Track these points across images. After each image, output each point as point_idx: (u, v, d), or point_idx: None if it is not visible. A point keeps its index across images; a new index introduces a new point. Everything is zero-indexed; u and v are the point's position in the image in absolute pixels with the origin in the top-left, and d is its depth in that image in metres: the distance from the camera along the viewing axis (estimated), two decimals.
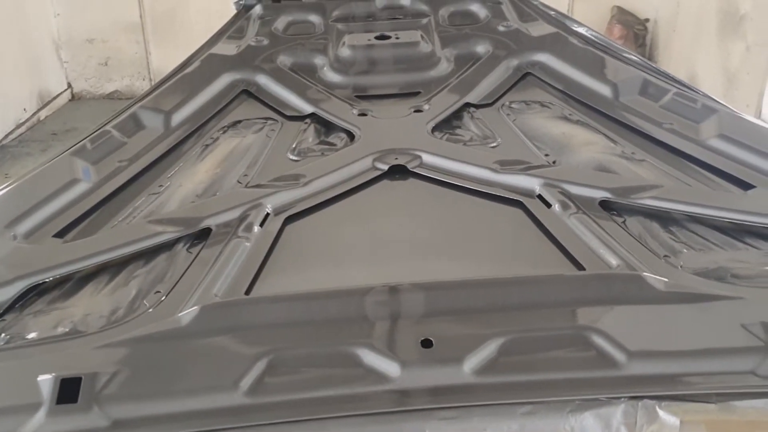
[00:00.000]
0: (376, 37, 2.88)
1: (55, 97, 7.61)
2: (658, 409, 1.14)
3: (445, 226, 1.80)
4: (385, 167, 2.02)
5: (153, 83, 2.86)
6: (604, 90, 2.46)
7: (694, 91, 2.37)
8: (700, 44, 6.09)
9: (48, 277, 1.58)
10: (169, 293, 1.49)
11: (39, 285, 1.57)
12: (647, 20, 7.00)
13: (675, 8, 6.56)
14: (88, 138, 2.22)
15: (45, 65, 7.52)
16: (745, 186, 1.87)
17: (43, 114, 7.32)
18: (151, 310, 1.44)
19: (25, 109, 7.02)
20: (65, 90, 7.86)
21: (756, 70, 5.33)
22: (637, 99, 2.39)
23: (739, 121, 2.17)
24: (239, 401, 1.17)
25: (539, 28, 2.88)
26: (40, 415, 1.13)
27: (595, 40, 2.78)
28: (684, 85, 2.41)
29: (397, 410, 1.16)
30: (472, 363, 1.22)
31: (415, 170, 2.01)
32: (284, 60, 2.81)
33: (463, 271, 1.58)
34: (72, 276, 1.62)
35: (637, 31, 6.95)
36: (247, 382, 1.20)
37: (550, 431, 1.15)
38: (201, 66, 2.75)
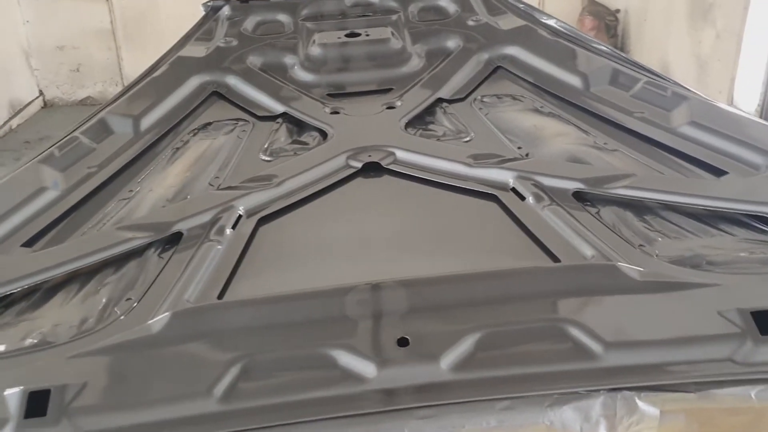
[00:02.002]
0: (347, 35, 2.86)
1: (26, 105, 7.50)
2: (637, 400, 1.13)
3: (421, 222, 1.79)
4: (359, 165, 2.00)
5: (117, 92, 2.81)
6: (575, 81, 2.46)
7: (665, 79, 2.37)
8: (671, 33, 6.14)
9: (16, 287, 1.55)
10: (140, 300, 1.46)
11: (6, 296, 1.53)
12: (618, 11, 7.03)
13: None
14: (56, 145, 2.18)
15: (15, 73, 7.41)
16: (718, 172, 1.87)
17: (14, 123, 7.21)
18: (122, 317, 1.40)
19: None
20: (37, 98, 7.75)
21: (726, 56, 5.37)
22: (607, 89, 2.39)
23: (710, 108, 2.17)
24: (213, 408, 1.15)
25: (508, 22, 2.88)
26: (8, 430, 1.10)
27: (565, 31, 2.78)
28: (654, 73, 2.41)
29: (374, 411, 1.14)
30: (449, 360, 1.20)
31: (389, 167, 2.00)
32: (254, 60, 2.78)
33: (439, 267, 1.56)
34: (40, 286, 1.58)
35: (608, 22, 6.98)
36: (220, 388, 1.17)
37: (529, 426, 1.14)
38: (169, 69, 2.71)
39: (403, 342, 1.25)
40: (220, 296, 1.48)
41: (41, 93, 7.81)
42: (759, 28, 5.07)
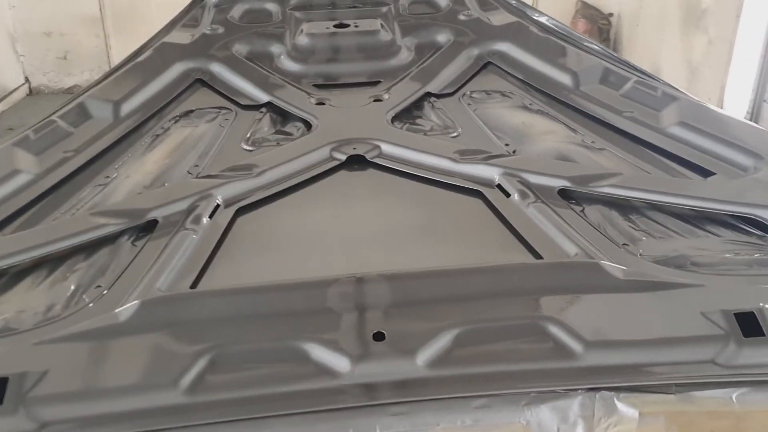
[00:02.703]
0: (335, 26, 2.82)
1: (11, 92, 7.41)
2: (616, 401, 1.10)
3: (404, 217, 1.75)
4: (343, 157, 1.96)
5: (98, 77, 2.76)
6: (565, 79, 2.43)
7: (655, 79, 2.35)
8: (663, 38, 6.14)
9: None
10: (110, 288, 1.42)
11: None
12: (611, 14, 7.03)
13: (638, 2, 6.60)
14: (31, 128, 2.13)
15: (1, 60, 7.31)
16: (706, 173, 1.85)
17: None
18: (90, 305, 1.36)
19: None
20: (22, 84, 7.65)
21: (718, 63, 5.38)
22: (597, 88, 2.36)
23: (699, 109, 2.15)
24: (178, 400, 1.10)
25: (500, 17, 2.84)
26: None
27: (556, 29, 2.75)
28: (644, 73, 2.39)
29: (346, 407, 1.11)
30: (425, 356, 1.17)
31: (374, 160, 1.96)
32: (240, 48, 2.73)
33: (421, 262, 1.53)
34: (7, 271, 1.53)
35: (601, 25, 6.97)
36: (187, 379, 1.13)
37: (505, 425, 1.11)
38: (153, 55, 2.66)
39: (379, 336, 1.21)
40: (193, 286, 1.44)
41: (27, 80, 7.72)
42: (750, 35, 5.08)
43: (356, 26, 2.80)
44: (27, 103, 7.49)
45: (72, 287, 1.45)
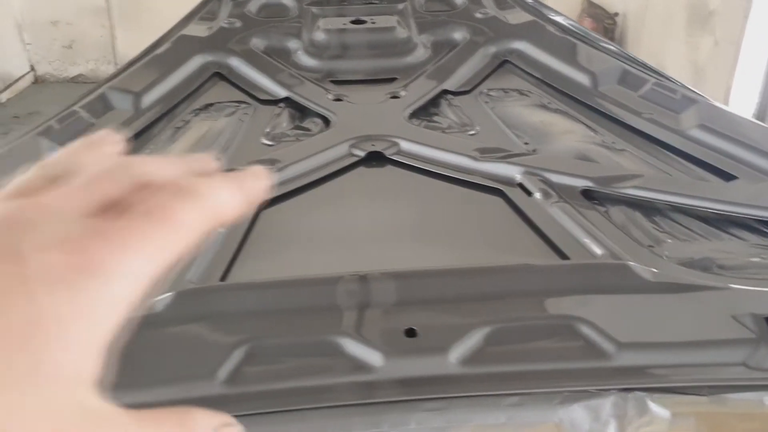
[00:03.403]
0: (352, 21, 2.83)
1: (17, 80, 7.40)
2: (648, 401, 1.11)
3: (425, 214, 1.77)
4: (362, 154, 1.98)
5: (118, 67, 2.76)
6: (583, 79, 2.44)
7: (673, 81, 2.36)
8: (669, 39, 6.15)
9: None
10: None
11: None
12: (617, 14, 7.04)
13: (644, 2, 6.61)
14: (54, 118, 2.13)
15: (7, 47, 7.30)
16: (727, 177, 1.86)
17: (4, 97, 7.11)
18: None
19: None
20: (28, 73, 7.65)
21: (723, 65, 5.39)
22: (616, 88, 2.37)
23: (720, 112, 2.17)
24: (216, 391, 1.12)
25: (517, 16, 2.85)
26: None
27: (573, 29, 2.76)
28: (662, 75, 2.40)
29: (381, 401, 1.12)
30: (457, 353, 1.18)
31: (392, 157, 1.97)
32: (257, 43, 2.74)
33: (445, 260, 1.54)
34: None
35: (606, 25, 6.98)
36: (224, 371, 1.14)
37: (538, 423, 1.12)
38: (172, 47, 2.67)
39: (410, 333, 1.23)
40: (222, 278, 1.45)
41: (32, 68, 7.71)
42: (758, 37, 5.09)
43: (373, 23, 2.81)
44: (32, 91, 7.48)
45: None
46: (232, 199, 0.45)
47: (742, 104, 5.26)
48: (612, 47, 2.66)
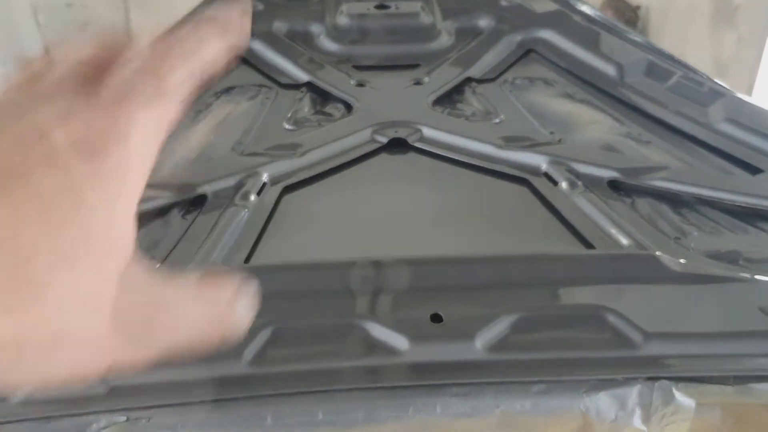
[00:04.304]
0: (376, 6, 2.81)
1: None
2: (674, 390, 1.11)
3: (449, 202, 1.76)
4: (385, 140, 1.97)
5: None
6: (609, 70, 2.42)
7: (700, 74, 2.34)
8: (692, 33, 6.09)
9: None
10: (165, 259, 1.43)
11: None
12: (639, 7, 6.97)
13: None
14: None
15: (21, 29, 7.32)
16: (754, 170, 1.84)
17: None
18: None
19: None
20: (42, 56, 7.67)
21: (747, 61, 5.34)
22: (643, 80, 2.35)
23: (748, 106, 2.14)
24: (243, 371, 1.12)
25: (542, 5, 2.82)
26: None
27: (599, 19, 2.74)
28: (689, 68, 2.38)
29: (408, 385, 1.12)
30: (484, 339, 1.18)
31: (415, 144, 1.97)
32: (279, 26, 2.73)
33: (469, 247, 1.54)
34: None
35: (629, 17, 6.91)
36: (250, 351, 1.14)
37: (565, 411, 1.12)
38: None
39: (436, 318, 1.22)
40: (246, 261, 1.45)
41: (47, 51, 7.74)
42: None
43: (397, 8, 2.80)
44: None
45: None
46: (219, 46, 0.47)
47: (765, 101, 5.20)
48: (639, 39, 2.63)
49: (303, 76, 2.46)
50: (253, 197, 1.67)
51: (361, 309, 1.26)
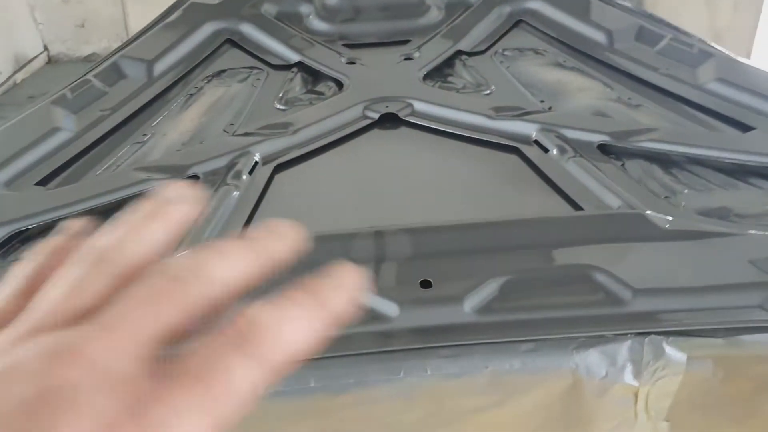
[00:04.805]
0: None
1: (30, 60, 7.43)
2: (664, 344, 1.11)
3: (440, 174, 1.76)
4: (376, 116, 1.97)
5: (131, 36, 2.76)
6: (599, 37, 2.41)
7: (690, 36, 2.32)
8: (688, 2, 6.04)
9: (32, 224, 1.52)
10: None
11: (22, 232, 1.51)
12: None
13: None
14: (67, 87, 2.14)
15: (19, 27, 7.31)
16: (744, 128, 1.84)
17: (19, 77, 7.14)
18: None
19: (0, 72, 6.85)
20: (41, 53, 7.66)
21: (743, 29, 5.29)
22: (632, 45, 2.34)
23: (737, 65, 2.13)
24: None
25: None
26: None
27: None
28: (679, 30, 2.36)
29: (397, 349, 1.13)
30: (472, 302, 1.19)
31: (407, 119, 1.97)
32: (268, 8, 2.73)
33: (460, 216, 1.54)
34: (56, 224, 1.56)
35: None
36: None
37: (554, 369, 1.12)
38: (183, 15, 2.66)
39: (425, 284, 1.23)
40: None
41: (45, 48, 7.72)
42: None
43: None
44: (46, 71, 7.49)
45: None
46: (308, 330, 0.38)
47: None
48: (628, 4, 2.61)
49: (293, 56, 2.46)
50: (245, 176, 1.67)
51: None
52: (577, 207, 1.50)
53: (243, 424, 1.04)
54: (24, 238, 1.51)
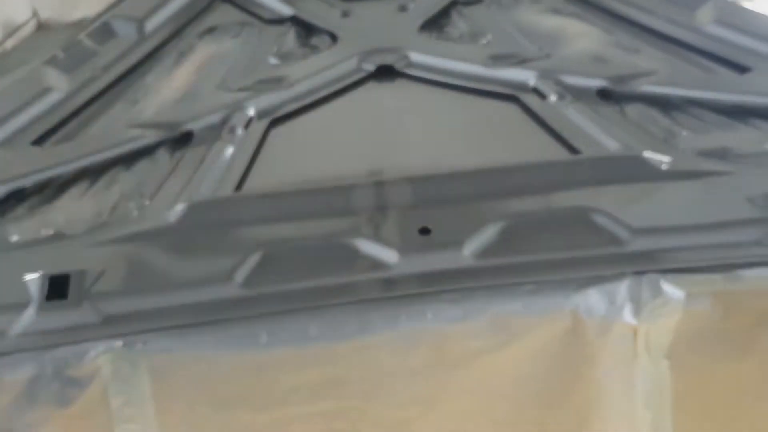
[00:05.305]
0: None
1: (20, 27, 7.33)
2: (662, 282, 1.12)
3: (438, 124, 1.75)
4: (372, 68, 1.95)
5: None
6: None
7: None
8: None
9: (27, 182, 1.52)
10: (155, 195, 1.44)
11: (18, 191, 1.51)
12: None
13: None
14: (59, 48, 2.12)
15: None
16: (742, 69, 1.82)
17: (9, 44, 7.06)
18: (136, 212, 1.38)
19: None
20: (30, 18, 7.56)
21: None
22: None
23: (735, 7, 2.11)
24: (235, 293, 1.13)
25: None
26: (30, 312, 1.10)
27: None
28: None
29: (397, 295, 1.13)
30: (472, 247, 1.19)
31: (403, 70, 1.95)
32: None
33: (458, 163, 1.53)
34: (51, 182, 1.55)
35: None
36: (241, 274, 1.16)
37: (555, 309, 1.13)
38: None
39: (425, 231, 1.23)
40: (236, 191, 1.45)
41: (35, 13, 7.63)
42: None
43: None
44: (36, 37, 7.41)
45: (116, 196, 1.47)
46: None
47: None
48: None
49: (286, 11, 2.42)
50: (240, 131, 1.67)
51: (349, 228, 1.26)
52: (575, 151, 1.50)
53: (245, 373, 1.05)
54: (20, 197, 1.51)
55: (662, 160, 1.35)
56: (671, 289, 1.11)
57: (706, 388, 1.19)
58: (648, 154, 1.36)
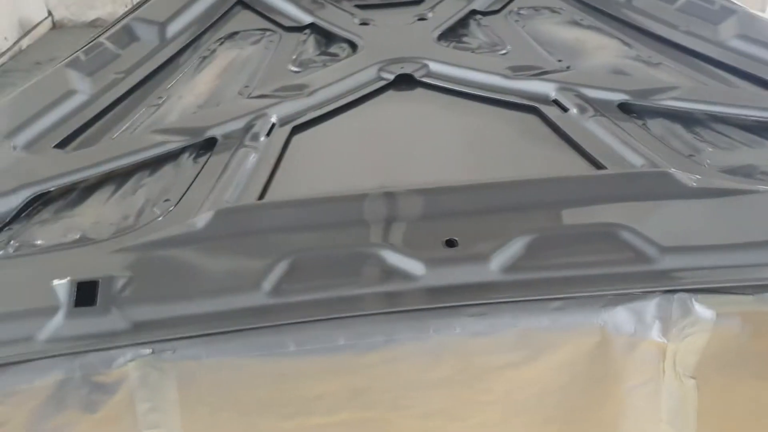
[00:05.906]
0: None
1: (35, 26, 7.35)
2: (693, 302, 1.11)
3: (459, 134, 1.75)
4: (391, 76, 1.96)
5: None
6: None
7: None
8: None
9: (52, 186, 1.53)
10: (179, 201, 1.44)
11: (43, 195, 1.51)
12: None
13: None
14: (81, 50, 2.13)
15: None
16: (766, 84, 1.81)
17: (24, 43, 7.08)
18: (161, 217, 1.39)
19: (6, 38, 6.79)
20: (46, 18, 7.59)
21: None
22: (651, 2, 2.30)
23: (759, 22, 2.10)
24: (262, 301, 1.13)
25: None
26: (59, 317, 1.10)
27: None
28: None
29: (425, 308, 1.13)
30: (499, 261, 1.18)
31: (422, 79, 1.95)
32: None
33: (481, 175, 1.53)
34: (76, 186, 1.56)
35: None
36: (269, 283, 1.16)
37: (582, 326, 1.12)
38: None
39: (451, 243, 1.23)
40: (260, 199, 1.45)
41: (50, 13, 7.64)
42: None
43: None
44: (51, 36, 7.42)
45: (141, 201, 1.48)
46: None
47: None
48: None
49: (306, 18, 2.43)
50: (262, 138, 1.67)
51: (376, 238, 1.26)
52: (599, 166, 1.49)
53: (271, 381, 1.04)
54: (45, 201, 1.51)
55: (690, 177, 1.34)
56: (702, 309, 1.11)
57: (731, 407, 1.19)
58: (675, 171, 1.35)
